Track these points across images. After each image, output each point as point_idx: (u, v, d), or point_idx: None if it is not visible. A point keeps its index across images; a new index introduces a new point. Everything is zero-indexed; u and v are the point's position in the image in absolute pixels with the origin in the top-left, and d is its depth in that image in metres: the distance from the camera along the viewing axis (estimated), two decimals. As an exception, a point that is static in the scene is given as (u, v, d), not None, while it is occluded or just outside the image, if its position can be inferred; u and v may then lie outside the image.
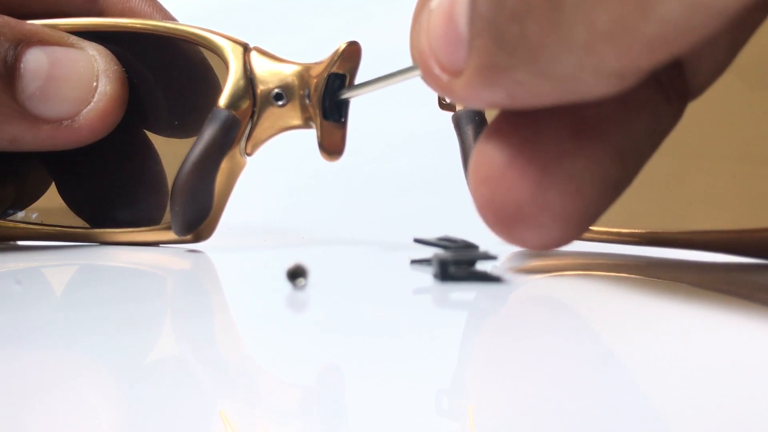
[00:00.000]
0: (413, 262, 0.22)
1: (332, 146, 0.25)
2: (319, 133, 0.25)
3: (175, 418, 0.10)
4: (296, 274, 0.18)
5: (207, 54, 0.27)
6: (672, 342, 0.13)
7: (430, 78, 0.17)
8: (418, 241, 0.23)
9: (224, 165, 0.26)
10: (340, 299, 0.18)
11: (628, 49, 0.14)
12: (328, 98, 0.25)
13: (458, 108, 0.27)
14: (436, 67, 0.17)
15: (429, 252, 0.20)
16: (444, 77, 0.17)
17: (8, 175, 0.29)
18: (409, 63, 0.20)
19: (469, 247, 0.22)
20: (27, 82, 0.25)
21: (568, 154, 0.16)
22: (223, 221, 0.27)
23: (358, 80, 0.25)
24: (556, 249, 0.18)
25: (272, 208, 0.44)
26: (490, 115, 0.27)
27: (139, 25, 0.27)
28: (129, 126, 0.27)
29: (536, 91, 0.16)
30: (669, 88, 0.17)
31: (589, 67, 0.15)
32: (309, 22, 0.24)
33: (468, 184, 0.17)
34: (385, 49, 0.32)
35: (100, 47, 0.27)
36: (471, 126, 0.26)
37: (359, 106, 0.30)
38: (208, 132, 0.25)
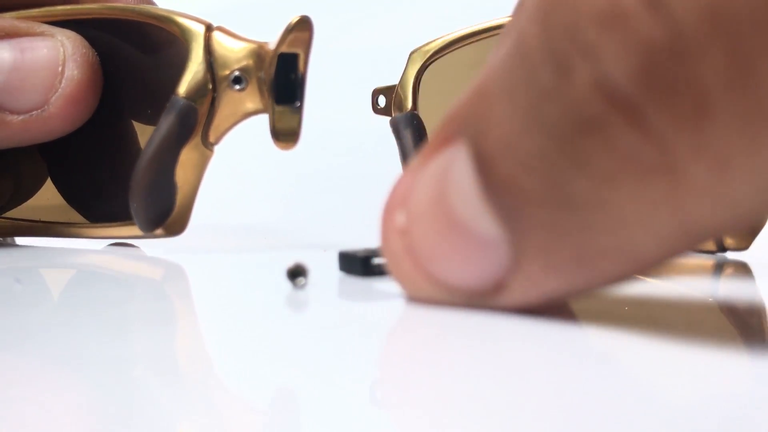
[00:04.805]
0: None
1: (285, 133, 0.23)
2: (271, 118, 0.23)
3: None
4: (296, 273, 0.17)
5: (171, 37, 0.25)
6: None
7: (459, 295, 0.14)
8: None
9: (187, 156, 0.25)
10: (338, 299, 0.18)
11: None
12: (279, 80, 0.23)
13: (395, 113, 0.26)
14: (451, 287, 0.14)
15: None
16: (475, 296, 0.14)
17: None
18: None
19: None
20: None
21: None
22: (222, 222, 0.26)
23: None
24: None
25: (272, 208, 0.44)
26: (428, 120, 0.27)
27: (98, 8, 0.26)
28: (103, 116, 0.26)
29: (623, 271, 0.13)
30: None
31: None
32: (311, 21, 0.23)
33: None
34: (386, 49, 0.31)
35: (71, 33, 0.26)
36: (409, 130, 0.26)
37: (360, 105, 0.28)
38: (164, 123, 0.24)
